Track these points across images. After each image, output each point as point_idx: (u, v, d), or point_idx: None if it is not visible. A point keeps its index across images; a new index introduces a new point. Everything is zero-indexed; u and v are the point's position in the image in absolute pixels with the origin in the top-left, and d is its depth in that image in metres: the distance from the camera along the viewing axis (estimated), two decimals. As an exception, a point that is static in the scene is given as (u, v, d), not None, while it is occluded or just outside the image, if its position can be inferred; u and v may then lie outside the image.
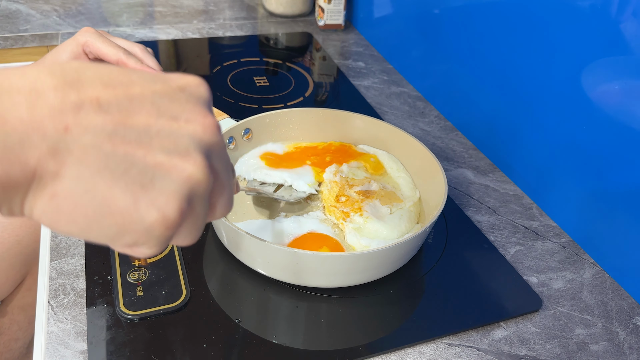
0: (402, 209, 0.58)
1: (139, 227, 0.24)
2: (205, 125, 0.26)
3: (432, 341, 0.50)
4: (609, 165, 0.57)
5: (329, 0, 1.05)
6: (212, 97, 0.28)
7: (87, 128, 0.23)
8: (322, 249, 0.53)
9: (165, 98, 0.25)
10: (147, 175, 0.24)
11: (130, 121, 0.24)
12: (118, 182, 0.23)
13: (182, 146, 0.25)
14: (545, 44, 0.62)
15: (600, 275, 0.59)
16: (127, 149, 0.23)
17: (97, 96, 0.23)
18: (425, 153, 0.61)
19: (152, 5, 1.14)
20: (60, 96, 0.22)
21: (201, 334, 0.47)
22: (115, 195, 0.23)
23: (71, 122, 0.22)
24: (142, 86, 0.25)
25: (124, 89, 0.24)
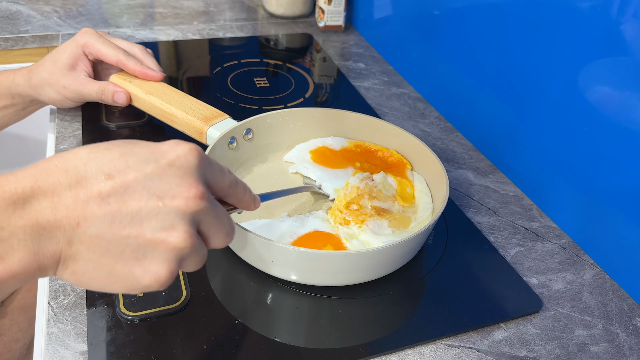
0: (406, 231, 0.58)
1: (139, 287, 0.32)
2: (188, 198, 0.32)
3: (432, 342, 0.50)
4: (609, 167, 0.57)
5: (329, 1, 1.05)
6: (204, 159, 0.34)
7: (92, 222, 0.30)
8: (326, 247, 0.53)
9: (156, 178, 0.32)
10: (140, 251, 0.31)
11: (125, 208, 0.31)
12: (118, 259, 0.31)
13: (168, 222, 0.31)
14: (545, 46, 0.62)
15: (601, 277, 0.59)
16: (123, 232, 0.31)
17: (99, 191, 0.31)
18: (428, 153, 0.62)
19: (153, 6, 1.14)
20: (72, 196, 0.30)
21: (201, 334, 0.47)
22: (117, 269, 0.32)
23: (81, 218, 0.30)
24: (136, 170, 0.31)
25: (122, 178, 0.31)
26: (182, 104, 0.67)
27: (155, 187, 0.31)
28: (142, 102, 0.70)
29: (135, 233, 0.31)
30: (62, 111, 0.76)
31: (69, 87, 0.69)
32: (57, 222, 0.30)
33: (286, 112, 0.67)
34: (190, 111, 0.66)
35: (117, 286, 0.32)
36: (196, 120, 0.65)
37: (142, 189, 0.31)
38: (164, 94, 0.69)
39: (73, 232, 0.30)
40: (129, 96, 0.71)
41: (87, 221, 0.30)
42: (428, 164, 0.62)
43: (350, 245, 0.54)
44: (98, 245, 0.31)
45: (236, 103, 0.83)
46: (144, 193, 0.31)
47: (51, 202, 0.30)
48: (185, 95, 0.70)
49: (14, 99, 0.72)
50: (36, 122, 1.02)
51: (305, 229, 0.55)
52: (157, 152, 0.33)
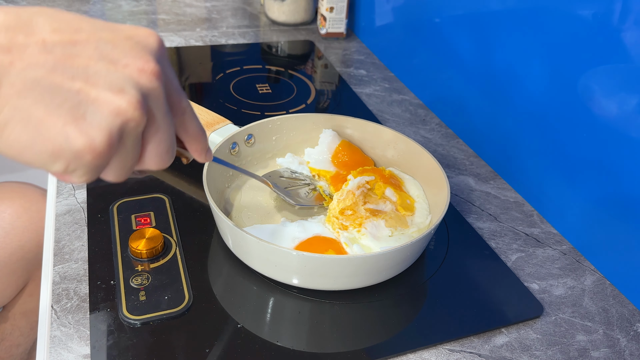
0: (404, 234, 0.58)
1: (68, 154, 0.27)
2: (142, 69, 0.28)
3: (434, 347, 0.50)
4: (610, 173, 0.57)
5: (330, 8, 1.06)
6: (163, 48, 0.30)
7: (29, 64, 0.26)
8: (328, 251, 0.53)
9: (110, 44, 0.28)
10: (81, 108, 0.27)
11: (70, 62, 0.27)
12: (52, 112, 0.26)
13: (117, 85, 0.27)
14: (546, 52, 0.63)
15: (601, 282, 0.59)
16: (63, 83, 0.26)
17: (43, 38, 0.26)
18: (428, 159, 0.62)
19: (156, 13, 1.15)
20: (9, 36, 0.26)
21: (203, 338, 0.48)
22: (48, 124, 0.26)
23: (16, 58, 0.26)
24: (89, 33, 0.28)
25: (71, 34, 0.27)
26: None
27: (109, 51, 0.28)
28: None
29: (78, 87, 0.27)
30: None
31: None
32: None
33: (287, 117, 0.68)
34: None
35: (42, 147, 0.27)
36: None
37: (94, 49, 0.27)
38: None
39: (3, 72, 0.26)
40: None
41: (22, 62, 0.26)
42: (428, 169, 0.62)
43: (350, 250, 0.54)
44: (32, 90, 0.26)
45: (238, 109, 0.83)
46: (95, 53, 0.27)
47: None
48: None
49: None
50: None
51: (307, 234, 0.55)
52: (114, 26, 0.29)
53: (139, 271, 0.53)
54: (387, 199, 0.61)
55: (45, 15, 0.27)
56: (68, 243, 0.56)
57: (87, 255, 0.55)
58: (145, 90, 0.28)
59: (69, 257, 0.55)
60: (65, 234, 0.57)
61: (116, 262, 0.54)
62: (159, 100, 0.30)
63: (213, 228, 0.59)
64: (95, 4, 1.16)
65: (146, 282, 0.52)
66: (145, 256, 0.54)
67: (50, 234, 0.58)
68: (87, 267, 0.53)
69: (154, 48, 0.30)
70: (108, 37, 0.28)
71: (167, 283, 0.52)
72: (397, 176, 0.66)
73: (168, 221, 0.59)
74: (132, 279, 0.52)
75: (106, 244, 0.56)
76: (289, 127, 0.68)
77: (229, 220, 0.50)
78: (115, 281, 0.52)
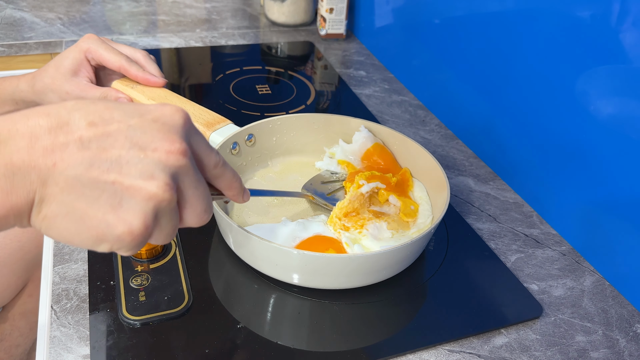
0: (405, 236, 0.58)
1: (111, 238, 0.31)
2: (170, 151, 0.31)
3: (433, 347, 0.50)
4: (609, 174, 0.57)
5: (330, 10, 1.06)
6: (188, 122, 0.34)
7: (69, 164, 0.29)
8: (329, 250, 0.53)
9: (139, 130, 0.31)
10: (117, 197, 0.30)
11: (105, 155, 0.30)
12: (92, 205, 0.30)
13: (147, 171, 0.31)
14: (545, 54, 0.63)
15: (601, 283, 0.59)
16: (100, 177, 0.30)
17: (80, 136, 0.30)
18: (429, 159, 0.62)
19: (156, 14, 1.15)
20: (51, 138, 0.29)
21: (203, 339, 0.48)
22: (90, 215, 0.30)
23: (58, 159, 0.29)
24: (120, 122, 0.31)
25: (104, 127, 0.30)
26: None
27: (138, 138, 0.31)
28: None
29: (113, 179, 0.30)
30: (66, 117, 0.77)
31: (72, 93, 0.70)
32: (33, 162, 0.29)
33: (288, 117, 0.68)
34: (192, 117, 0.66)
35: (88, 235, 0.31)
36: (198, 125, 0.65)
37: (125, 138, 0.31)
38: (166, 99, 0.70)
39: (48, 173, 0.29)
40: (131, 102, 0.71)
41: (64, 162, 0.29)
42: (428, 170, 0.62)
43: (351, 250, 0.54)
44: (73, 187, 0.30)
45: (238, 110, 0.83)
46: (126, 142, 0.31)
47: (28, 142, 0.29)
48: (188, 101, 0.70)
49: (18, 105, 0.72)
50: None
51: (308, 233, 0.55)
52: (143, 109, 0.33)
53: (139, 271, 0.53)
54: (391, 204, 0.61)
55: (81, 111, 0.31)
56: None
57: (86, 255, 0.55)
58: (174, 170, 0.32)
59: (68, 258, 0.55)
60: (65, 235, 0.57)
61: (116, 263, 0.54)
62: (188, 174, 0.33)
63: (213, 228, 0.59)
64: (95, 4, 1.16)
65: (146, 282, 0.52)
66: (145, 256, 0.54)
67: (50, 234, 0.58)
68: (87, 268, 0.53)
69: (179, 125, 0.33)
70: (137, 123, 0.31)
71: (166, 283, 0.52)
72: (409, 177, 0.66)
73: (168, 222, 0.59)
74: (131, 280, 0.52)
75: (106, 244, 0.56)
76: (289, 127, 0.69)
77: (230, 220, 0.50)
78: (115, 282, 0.52)
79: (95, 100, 0.32)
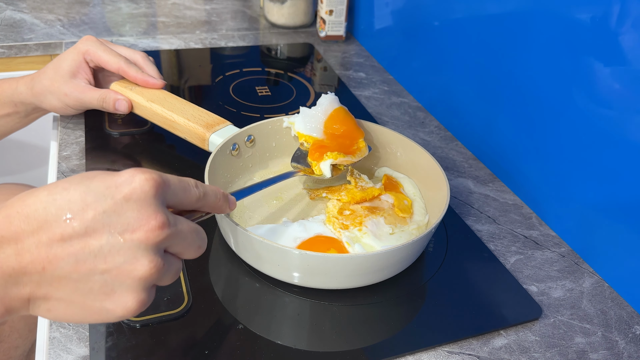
0: (404, 231, 0.58)
1: (114, 318, 0.34)
2: (148, 230, 0.33)
3: (433, 349, 0.50)
4: (608, 175, 0.58)
5: (330, 12, 1.07)
6: (160, 185, 0.34)
7: (57, 264, 0.31)
8: (330, 250, 0.53)
9: (114, 215, 0.32)
10: (109, 286, 0.33)
11: (87, 248, 0.32)
12: (87, 296, 0.33)
13: (131, 255, 0.32)
14: (544, 56, 0.63)
15: (600, 285, 0.59)
16: (88, 271, 0.32)
17: (61, 234, 0.31)
18: (430, 161, 0.62)
19: (155, 15, 1.15)
20: (35, 241, 0.31)
21: (203, 340, 0.48)
22: (88, 304, 0.33)
23: (46, 262, 0.31)
24: (94, 209, 0.32)
25: (81, 218, 0.32)
26: (184, 111, 0.68)
27: (115, 223, 0.32)
28: (143, 110, 0.71)
29: (100, 269, 0.32)
30: (65, 118, 0.77)
31: (70, 95, 0.70)
32: (22, 269, 0.31)
33: (287, 118, 0.68)
34: (192, 118, 0.67)
35: (93, 319, 0.34)
36: (198, 127, 0.65)
37: (102, 227, 0.32)
38: (165, 101, 0.70)
39: (40, 276, 0.31)
40: (130, 104, 0.71)
41: (51, 265, 0.31)
42: (427, 169, 0.63)
43: (352, 250, 0.54)
44: (66, 285, 0.32)
45: (238, 111, 0.83)
46: (104, 231, 0.32)
47: (15, 249, 0.31)
48: (187, 102, 0.70)
49: (17, 107, 0.73)
50: (39, 129, 1.03)
51: (309, 234, 0.56)
52: (112, 186, 0.33)
53: (139, 273, 0.53)
54: (383, 200, 0.62)
55: (56, 204, 0.32)
56: (67, 244, 0.56)
57: (86, 256, 0.55)
58: (157, 245, 0.33)
59: (68, 259, 0.55)
60: (65, 236, 0.57)
61: (115, 264, 0.54)
62: (173, 239, 0.35)
63: (213, 229, 0.59)
64: (95, 6, 1.17)
65: (145, 283, 0.52)
66: (144, 258, 0.54)
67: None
68: (87, 269, 0.53)
69: (151, 196, 0.34)
70: (110, 206, 0.32)
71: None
72: (393, 177, 0.66)
73: (167, 223, 0.59)
74: (131, 281, 0.52)
75: (105, 245, 0.56)
76: (288, 128, 0.69)
77: (232, 220, 0.50)
78: (115, 283, 0.52)
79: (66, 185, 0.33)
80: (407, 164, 0.67)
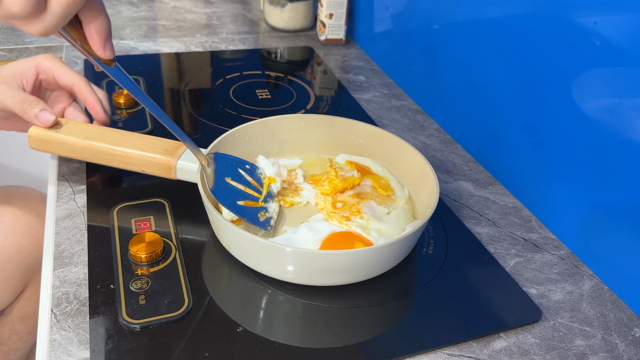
0: (397, 208, 0.61)
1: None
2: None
3: (433, 351, 0.50)
4: (608, 178, 0.58)
5: (330, 15, 1.07)
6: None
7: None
8: (356, 244, 0.54)
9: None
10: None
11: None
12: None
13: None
14: (543, 58, 0.63)
15: (599, 287, 0.59)
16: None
17: None
18: (415, 155, 0.63)
19: (156, 19, 1.16)
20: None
21: (203, 342, 0.48)
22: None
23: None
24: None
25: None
26: (134, 143, 0.60)
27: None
28: (80, 151, 0.60)
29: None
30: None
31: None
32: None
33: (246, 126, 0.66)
34: (147, 148, 0.60)
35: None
36: (160, 156, 0.59)
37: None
38: (106, 137, 0.61)
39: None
40: (56, 121, 0.61)
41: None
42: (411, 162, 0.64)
43: (372, 238, 0.56)
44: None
45: (238, 114, 0.83)
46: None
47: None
48: (130, 133, 0.62)
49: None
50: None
51: (321, 234, 0.56)
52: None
53: (139, 275, 0.53)
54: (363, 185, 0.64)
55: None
56: (68, 247, 0.56)
57: (87, 259, 0.55)
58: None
59: (69, 261, 0.55)
60: (65, 238, 0.57)
61: (116, 266, 0.54)
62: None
63: (213, 232, 0.60)
64: (95, 9, 1.17)
65: (146, 286, 0.52)
66: (145, 260, 0.54)
67: (50, 237, 0.59)
68: (87, 271, 0.53)
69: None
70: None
71: (166, 287, 0.52)
72: (357, 162, 0.68)
73: (168, 225, 0.59)
74: (131, 283, 0.52)
75: (106, 247, 0.56)
76: (252, 135, 0.67)
77: (223, 217, 0.51)
78: (115, 285, 0.52)
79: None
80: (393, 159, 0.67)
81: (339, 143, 0.71)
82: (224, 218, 0.52)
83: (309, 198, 0.63)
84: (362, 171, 0.66)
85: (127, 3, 1.22)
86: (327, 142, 0.71)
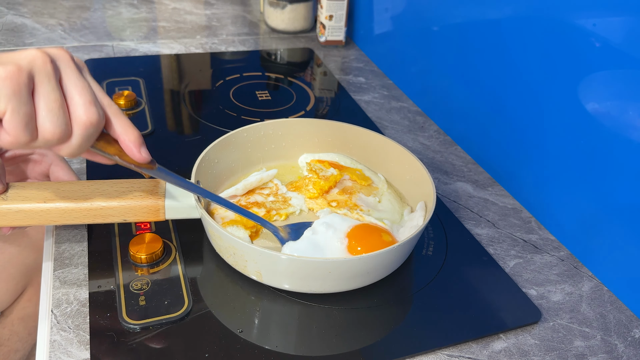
0: (384, 194, 0.64)
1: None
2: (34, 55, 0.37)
3: (432, 352, 0.50)
4: (607, 180, 0.58)
5: (330, 17, 1.07)
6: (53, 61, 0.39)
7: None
8: (384, 236, 0.55)
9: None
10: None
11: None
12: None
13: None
14: (542, 60, 0.64)
15: (599, 288, 0.59)
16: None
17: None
18: (409, 157, 0.63)
19: (156, 20, 1.16)
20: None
21: (203, 343, 0.48)
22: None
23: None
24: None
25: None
26: (107, 193, 0.51)
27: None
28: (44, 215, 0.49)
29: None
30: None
31: None
32: None
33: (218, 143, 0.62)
34: (124, 195, 0.51)
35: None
36: (144, 201, 0.51)
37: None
38: (72, 192, 0.50)
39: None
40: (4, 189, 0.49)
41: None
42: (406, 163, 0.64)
43: (389, 228, 0.57)
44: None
45: (238, 115, 0.84)
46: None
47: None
48: (96, 182, 0.53)
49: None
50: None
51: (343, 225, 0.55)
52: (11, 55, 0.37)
53: (139, 276, 0.53)
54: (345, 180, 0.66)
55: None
56: (68, 248, 0.56)
57: (87, 260, 0.55)
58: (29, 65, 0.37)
59: (69, 262, 0.55)
60: (66, 239, 0.57)
61: (116, 267, 0.54)
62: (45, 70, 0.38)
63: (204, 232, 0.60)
64: (95, 11, 1.17)
65: (146, 287, 0.52)
66: (145, 261, 0.54)
67: (50, 238, 0.59)
68: (87, 272, 0.54)
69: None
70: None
71: (166, 288, 0.52)
72: (322, 159, 0.69)
73: (168, 226, 0.59)
74: (132, 284, 0.52)
75: (106, 248, 0.56)
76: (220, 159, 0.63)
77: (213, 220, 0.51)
78: (115, 286, 0.52)
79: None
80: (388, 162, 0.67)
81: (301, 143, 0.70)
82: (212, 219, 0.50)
83: (301, 206, 0.63)
84: (335, 167, 0.67)
85: (127, 4, 1.22)
86: (288, 147, 0.70)
